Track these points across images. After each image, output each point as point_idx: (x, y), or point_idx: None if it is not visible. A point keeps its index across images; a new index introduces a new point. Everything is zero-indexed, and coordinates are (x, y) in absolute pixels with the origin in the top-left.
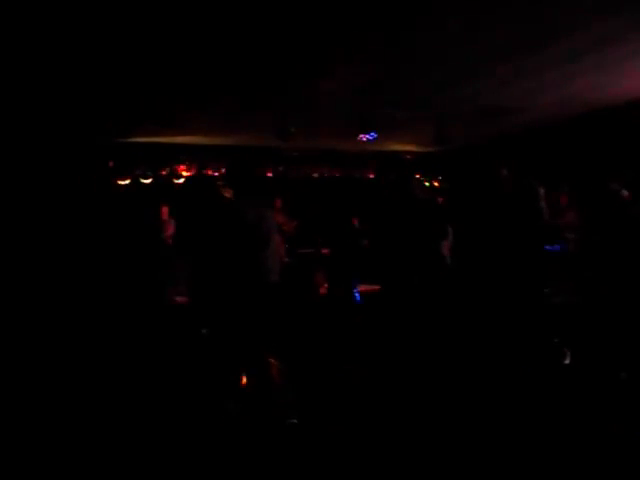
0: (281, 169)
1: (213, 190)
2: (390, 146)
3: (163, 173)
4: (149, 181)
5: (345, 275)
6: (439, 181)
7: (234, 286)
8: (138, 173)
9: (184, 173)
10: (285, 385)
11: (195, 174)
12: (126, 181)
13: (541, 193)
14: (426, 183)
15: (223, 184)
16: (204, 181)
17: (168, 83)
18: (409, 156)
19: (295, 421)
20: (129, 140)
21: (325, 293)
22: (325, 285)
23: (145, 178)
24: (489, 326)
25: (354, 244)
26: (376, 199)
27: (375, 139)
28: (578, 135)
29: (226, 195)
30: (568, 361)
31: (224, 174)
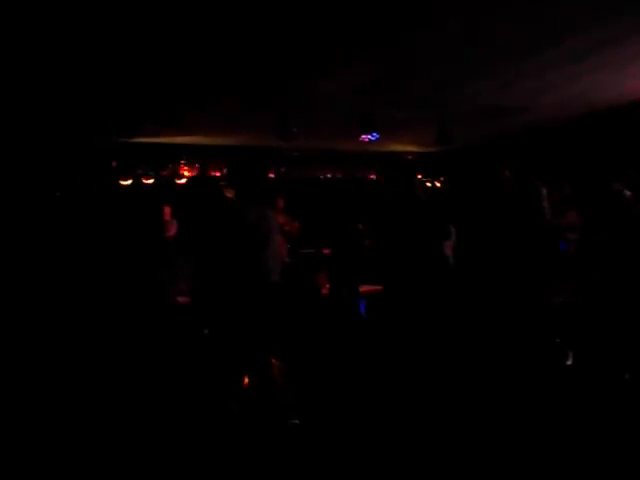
0: (283, 170)
1: (215, 190)
2: (391, 146)
3: (165, 173)
4: (151, 181)
5: (347, 276)
6: (441, 181)
7: (235, 286)
8: (140, 173)
9: (186, 173)
10: (287, 385)
11: (197, 174)
12: (128, 181)
13: (543, 193)
14: (428, 183)
15: (225, 184)
16: (206, 181)
17: (169, 83)
18: (410, 156)
19: (297, 421)
20: (131, 140)
21: (327, 294)
22: (327, 286)
23: (147, 178)
24: (491, 326)
25: (356, 244)
26: (378, 199)
27: (377, 139)
28: (581, 135)
29: (228, 195)
30: (570, 362)
31: (226, 174)
